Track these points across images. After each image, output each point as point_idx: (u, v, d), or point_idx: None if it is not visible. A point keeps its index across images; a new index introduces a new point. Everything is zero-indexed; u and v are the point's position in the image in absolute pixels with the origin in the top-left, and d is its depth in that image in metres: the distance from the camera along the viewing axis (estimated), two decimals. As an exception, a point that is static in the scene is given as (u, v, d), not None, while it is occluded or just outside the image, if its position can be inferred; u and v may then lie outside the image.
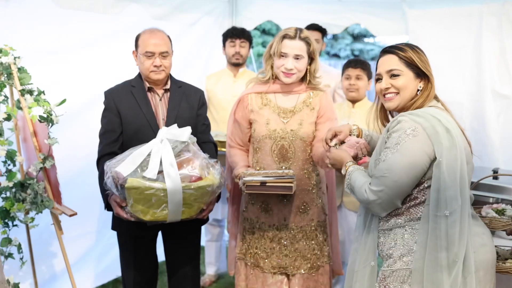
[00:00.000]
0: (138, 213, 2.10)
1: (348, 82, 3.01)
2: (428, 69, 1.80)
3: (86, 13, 3.05)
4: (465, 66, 3.19)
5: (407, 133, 1.67)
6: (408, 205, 1.74)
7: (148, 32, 2.38)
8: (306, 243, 2.44)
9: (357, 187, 1.80)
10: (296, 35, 2.28)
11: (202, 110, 2.52)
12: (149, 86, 2.41)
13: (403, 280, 1.71)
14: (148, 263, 2.53)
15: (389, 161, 1.69)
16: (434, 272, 1.64)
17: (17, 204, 2.54)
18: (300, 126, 2.38)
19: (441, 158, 1.64)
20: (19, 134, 2.68)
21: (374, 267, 1.83)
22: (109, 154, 2.31)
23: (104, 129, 2.38)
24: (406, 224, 1.74)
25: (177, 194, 2.07)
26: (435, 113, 1.71)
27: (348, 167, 1.90)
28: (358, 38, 12.47)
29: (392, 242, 1.75)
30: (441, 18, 3.23)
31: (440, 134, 1.65)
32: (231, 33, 3.42)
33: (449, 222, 1.64)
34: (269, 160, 2.39)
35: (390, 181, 1.69)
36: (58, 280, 3.14)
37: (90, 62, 3.06)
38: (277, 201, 2.41)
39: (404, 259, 1.71)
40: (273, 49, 2.29)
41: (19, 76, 2.43)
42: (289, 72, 2.30)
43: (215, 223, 3.56)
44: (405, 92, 1.78)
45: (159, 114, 2.39)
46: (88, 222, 3.26)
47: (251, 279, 2.48)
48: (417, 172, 1.67)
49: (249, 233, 2.49)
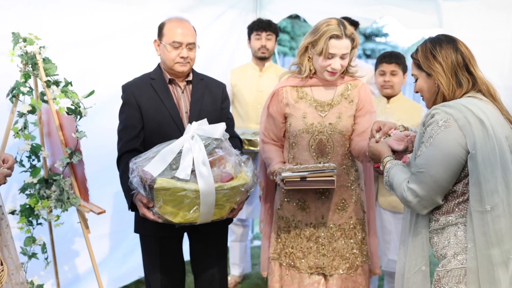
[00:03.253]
0: (167, 215, 1.98)
1: (382, 78, 2.90)
2: (429, 65, 1.73)
3: (111, 5, 2.98)
4: (503, 59, 3.06)
5: (439, 124, 1.63)
6: (456, 202, 1.67)
7: (176, 21, 2.24)
8: (344, 242, 2.34)
9: (396, 184, 1.75)
10: (343, 34, 2.15)
11: (225, 104, 2.41)
12: (170, 78, 2.28)
13: (458, 280, 1.64)
14: (175, 265, 2.41)
15: (424, 155, 1.65)
16: (488, 271, 1.58)
17: (41, 202, 2.44)
18: (339, 119, 2.27)
19: (474, 151, 1.58)
20: (43, 128, 2.57)
21: (425, 272, 1.76)
22: (131, 151, 2.19)
23: (123, 124, 2.25)
24: (458, 221, 1.67)
25: (210, 196, 1.95)
26: (468, 103, 1.64)
27: (385, 162, 1.85)
28: (369, 37, 12.37)
29: (446, 241, 1.69)
30: (477, 10, 3.11)
31: (472, 125, 1.59)
32: (257, 25, 3.31)
33: (492, 217, 1.57)
34: (307, 156, 2.29)
35: (427, 176, 1.64)
36: (81, 281, 3.06)
37: (115, 54, 2.99)
38: (314, 198, 2.31)
39: (459, 258, 1.65)
40: (319, 49, 2.15)
41: (45, 66, 2.33)
42: (335, 71, 2.21)
43: (239, 223, 3.48)
44: (425, 93, 1.80)
45: (181, 107, 2.27)
46: (112, 221, 3.17)
47: (286, 280, 2.39)
48: (453, 165, 1.62)
49: (284, 232, 2.38)
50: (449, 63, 1.70)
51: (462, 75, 1.71)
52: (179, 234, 2.38)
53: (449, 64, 1.70)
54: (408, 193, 1.69)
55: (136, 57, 2.98)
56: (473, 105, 1.63)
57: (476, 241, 1.59)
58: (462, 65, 1.71)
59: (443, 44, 1.73)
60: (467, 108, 1.62)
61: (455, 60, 1.70)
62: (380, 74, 2.90)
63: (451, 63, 1.70)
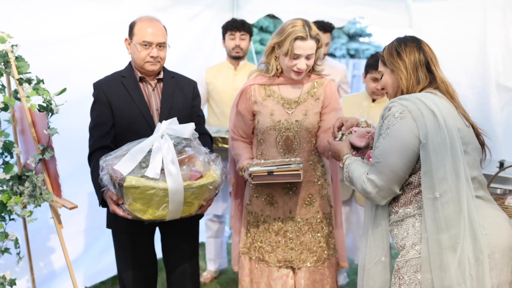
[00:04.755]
0: (136, 212, 2.02)
1: (375, 85, 2.93)
2: (393, 61, 1.82)
3: (86, 3, 3.00)
4: (470, 59, 3.16)
5: (395, 116, 1.71)
6: (413, 193, 1.74)
7: (146, 21, 2.27)
8: (312, 235, 2.40)
9: (356, 177, 1.81)
10: (308, 35, 2.20)
11: (196, 101, 2.45)
12: (141, 76, 2.31)
13: (416, 269, 1.70)
14: (147, 260, 2.46)
15: (382, 146, 1.73)
16: (439, 255, 1.64)
17: (14, 197, 2.46)
18: (305, 116, 2.34)
19: (425, 140, 1.66)
20: (17, 125, 2.61)
21: (385, 263, 1.82)
22: (102, 148, 2.23)
23: (94, 122, 2.29)
24: (415, 212, 1.74)
25: (179, 194, 1.99)
26: (423, 96, 1.73)
27: (345, 160, 1.92)
28: (353, 37, 12.48)
29: (405, 233, 1.75)
30: (445, 11, 3.20)
31: (425, 116, 1.67)
32: (231, 25, 3.36)
33: (441, 203, 1.64)
34: (274, 152, 2.35)
35: (384, 166, 1.71)
36: (56, 277, 3.08)
37: (90, 52, 3.01)
38: (282, 194, 2.37)
39: (416, 248, 1.71)
40: (285, 50, 2.21)
41: (17, 64, 2.36)
42: (300, 71, 2.27)
43: (215, 219, 3.52)
44: (388, 89, 1.88)
45: (152, 104, 2.30)
46: (88, 218, 3.20)
47: (255, 274, 2.44)
48: (409, 154, 1.69)
49: (253, 227, 2.44)
50: (411, 60, 1.79)
51: (422, 72, 1.79)
52: (151, 229, 2.42)
53: (411, 61, 1.79)
54: (367, 184, 1.75)
55: (111, 55, 2.99)
56: (426, 98, 1.72)
57: (427, 228, 1.66)
58: (424, 63, 1.80)
59: (408, 43, 1.82)
60: (420, 101, 1.70)
61: (417, 58, 1.79)
62: (373, 81, 2.95)
63: (413, 61, 1.79)
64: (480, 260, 1.64)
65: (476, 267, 1.63)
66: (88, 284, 3.32)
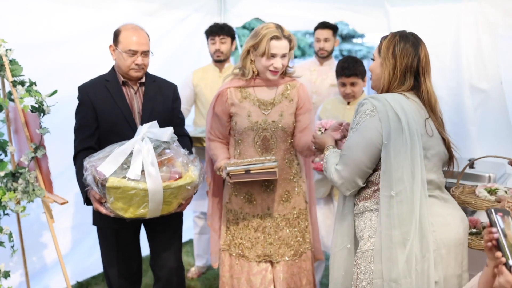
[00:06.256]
0: (118, 210, 2.13)
1: (343, 89, 3.01)
2: (386, 57, 1.82)
3: (76, 8, 3.09)
4: (445, 62, 3.27)
5: (366, 113, 1.78)
6: (372, 189, 1.83)
7: (132, 30, 2.36)
8: (289, 230, 2.51)
9: (328, 167, 1.91)
10: (281, 35, 2.31)
11: (176, 104, 2.54)
12: (124, 80, 2.40)
13: (370, 260, 1.79)
14: (132, 255, 2.55)
15: (350, 140, 1.81)
16: (389, 249, 1.72)
17: (8, 193, 2.60)
18: (281, 117, 2.44)
19: (387, 141, 1.73)
20: (11, 125, 2.74)
21: (350, 249, 1.92)
22: (86, 149, 2.32)
23: (78, 124, 2.38)
24: (373, 207, 1.82)
25: (158, 194, 2.10)
26: (391, 98, 1.78)
27: (326, 151, 2.01)
28: (346, 38, 12.60)
29: (363, 225, 1.85)
30: (422, 15, 3.31)
31: (390, 118, 1.74)
32: (210, 30, 3.45)
33: (395, 202, 1.71)
34: (252, 151, 2.44)
35: (350, 159, 1.80)
36: (49, 271, 3.18)
37: (79, 56, 3.10)
38: (260, 191, 2.47)
39: (371, 240, 1.80)
40: (261, 50, 2.30)
41: (11, 67, 2.49)
42: (277, 70, 2.36)
43: (203, 216, 3.60)
44: (373, 75, 1.92)
45: (134, 107, 2.40)
46: (79, 213, 3.30)
47: (236, 269, 2.53)
48: (373, 151, 1.77)
49: (233, 224, 2.53)
50: (403, 63, 1.80)
51: (408, 78, 1.81)
52: (136, 226, 2.51)
53: (402, 65, 1.80)
54: (335, 174, 1.85)
55: (100, 58, 3.09)
56: (394, 100, 1.77)
57: (382, 223, 1.75)
58: (413, 70, 1.81)
59: (407, 44, 1.81)
60: (388, 103, 1.76)
61: (409, 64, 1.80)
62: (341, 85, 3.01)
63: (404, 65, 1.80)
64: (426, 257, 1.71)
65: (422, 263, 1.71)
66: (80, 278, 3.43)
